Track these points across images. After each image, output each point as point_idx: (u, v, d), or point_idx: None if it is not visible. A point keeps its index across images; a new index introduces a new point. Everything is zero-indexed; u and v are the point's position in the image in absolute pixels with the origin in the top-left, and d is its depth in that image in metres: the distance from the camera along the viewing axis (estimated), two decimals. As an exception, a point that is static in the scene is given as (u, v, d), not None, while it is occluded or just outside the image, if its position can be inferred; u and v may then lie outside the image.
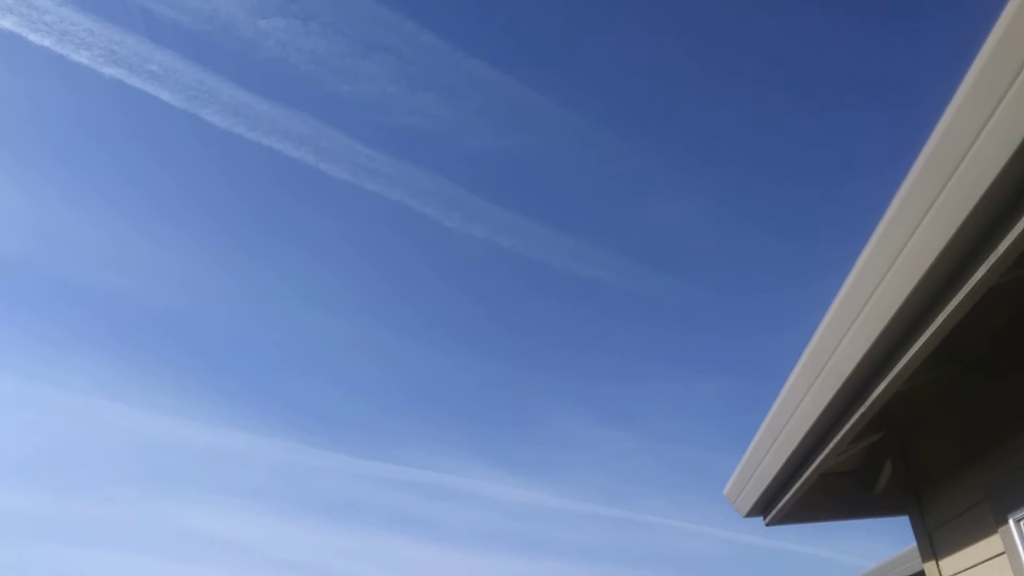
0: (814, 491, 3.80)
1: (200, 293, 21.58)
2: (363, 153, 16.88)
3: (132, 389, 22.59)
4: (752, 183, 18.52)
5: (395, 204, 17.83)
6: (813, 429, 3.04)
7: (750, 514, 3.99)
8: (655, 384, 23.77)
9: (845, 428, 2.93)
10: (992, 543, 3.06)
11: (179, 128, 16.89)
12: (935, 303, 2.25)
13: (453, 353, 23.52)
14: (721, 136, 17.61)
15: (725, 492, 4.07)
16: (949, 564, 3.42)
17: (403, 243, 20.74)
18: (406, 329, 22.96)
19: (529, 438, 24.90)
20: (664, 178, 18.71)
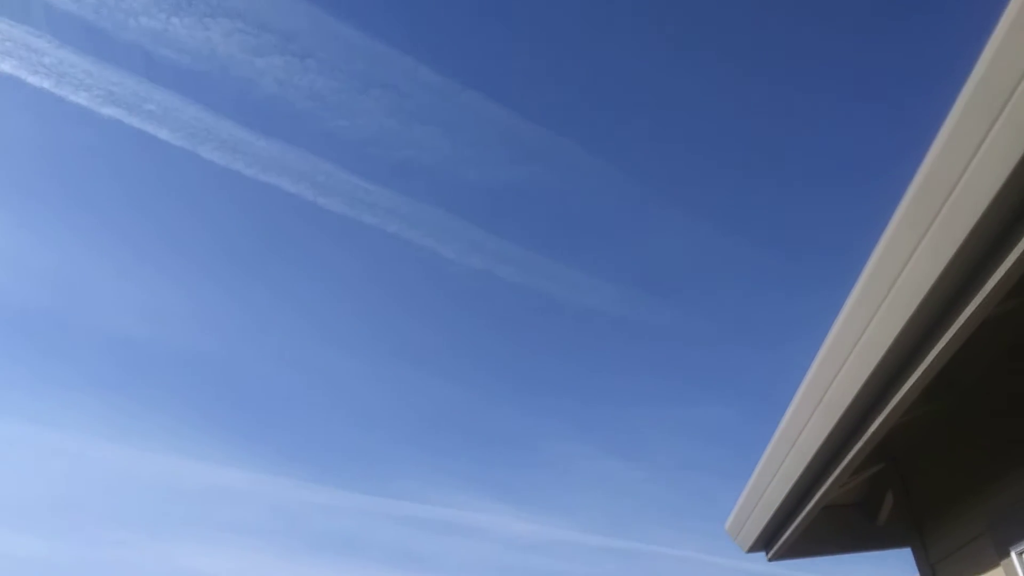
0: (817, 524, 3.76)
1: (196, 330, 21.53)
2: (361, 187, 16.96)
3: (132, 429, 22.42)
4: (750, 206, 18.62)
5: (393, 236, 17.87)
6: (812, 463, 3.02)
7: (752, 549, 3.95)
8: (658, 410, 23.60)
9: (844, 462, 2.91)
10: (996, 576, 3.03)
11: (178, 166, 16.99)
12: (928, 338, 2.25)
13: (453, 385, 23.42)
14: (720, 160, 17.73)
15: (726, 528, 4.02)
16: (954, 597, 3.38)
17: (402, 275, 20.74)
18: (406, 362, 22.89)
19: (532, 468, 24.67)
20: (662, 204, 18.78)
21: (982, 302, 2.01)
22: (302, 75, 15.13)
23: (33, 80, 14.20)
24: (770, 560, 3.93)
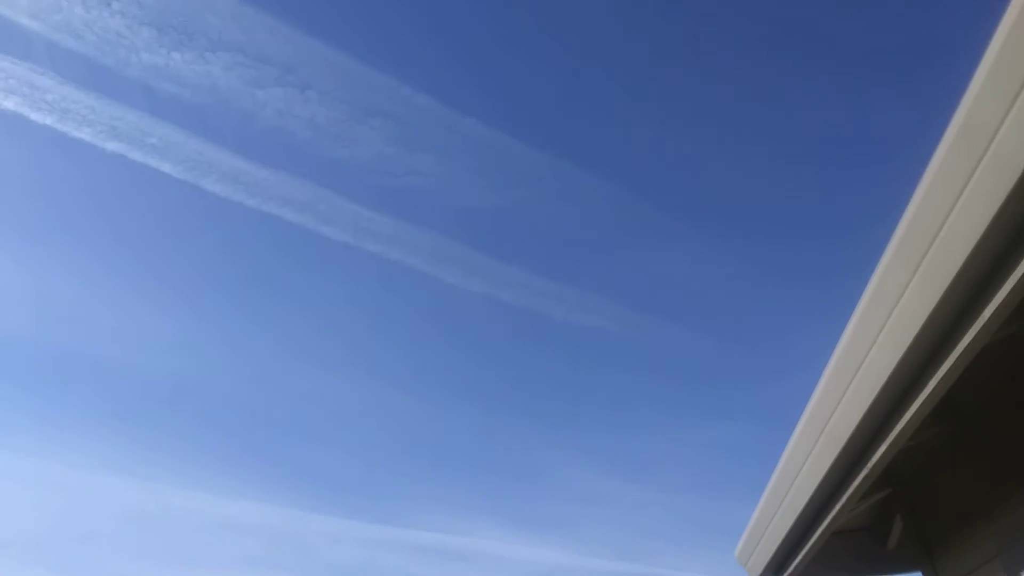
0: (826, 550, 3.72)
1: (202, 361, 21.55)
2: (362, 215, 17.04)
3: (135, 462, 22.34)
4: (751, 228, 18.63)
5: (395, 263, 17.93)
6: (818, 491, 3.00)
7: (762, 577, 3.91)
8: (664, 433, 23.45)
9: (851, 489, 2.89)
10: (1009, 601, 2.99)
11: (181, 198, 17.10)
12: (928, 366, 2.24)
13: (458, 410, 23.32)
14: (718, 181, 17.78)
15: (736, 555, 3.99)
16: (967, 623, 3.34)
17: (404, 301, 20.77)
18: (409, 388, 22.83)
19: (539, 493, 24.49)
20: (662, 226, 18.80)
21: (978, 332, 2.01)
22: (302, 106, 15.26)
23: (37, 117, 14.36)
24: (780, 588, 3.89)
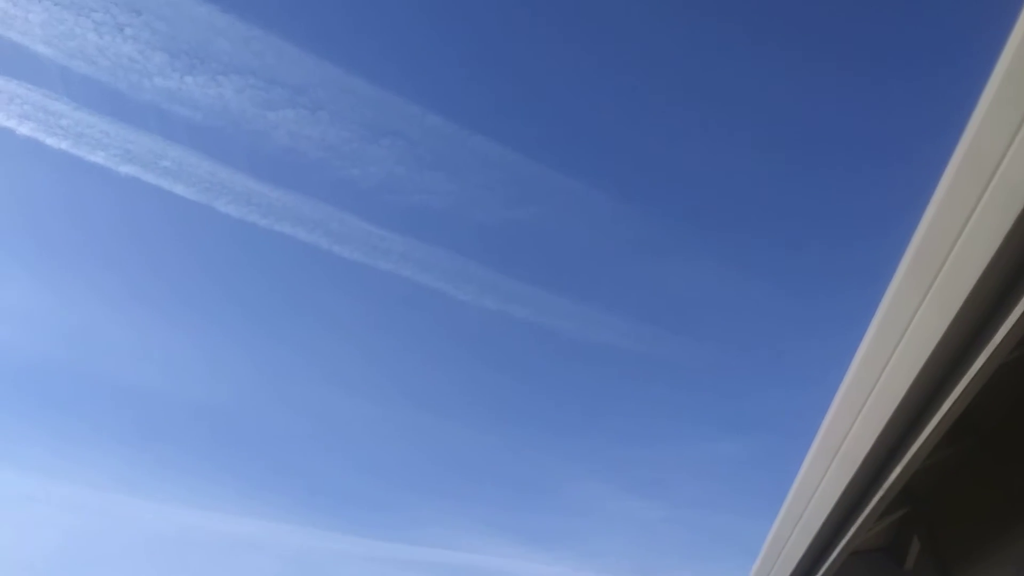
0: (844, 571, 3.67)
1: (216, 380, 21.65)
2: (375, 233, 17.13)
3: (149, 481, 22.44)
4: (762, 240, 18.56)
5: (408, 281, 17.98)
6: (833, 513, 2.97)
7: (778, 600, 3.85)
8: (677, 448, 23.29)
9: (867, 510, 2.86)
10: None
11: (194, 219, 17.27)
12: (942, 387, 2.22)
13: (471, 426, 23.29)
14: (730, 194, 17.77)
15: (751, 577, 3.94)
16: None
17: (417, 319, 20.82)
18: (422, 405, 22.82)
19: (552, 509, 24.35)
20: (673, 240, 18.79)
21: (992, 354, 1.99)
22: (313, 127, 15.40)
23: (51, 142, 14.55)
24: (797, 610, 3.83)
